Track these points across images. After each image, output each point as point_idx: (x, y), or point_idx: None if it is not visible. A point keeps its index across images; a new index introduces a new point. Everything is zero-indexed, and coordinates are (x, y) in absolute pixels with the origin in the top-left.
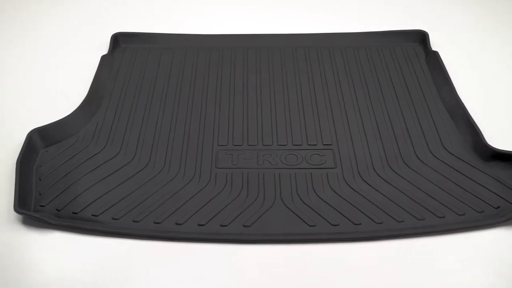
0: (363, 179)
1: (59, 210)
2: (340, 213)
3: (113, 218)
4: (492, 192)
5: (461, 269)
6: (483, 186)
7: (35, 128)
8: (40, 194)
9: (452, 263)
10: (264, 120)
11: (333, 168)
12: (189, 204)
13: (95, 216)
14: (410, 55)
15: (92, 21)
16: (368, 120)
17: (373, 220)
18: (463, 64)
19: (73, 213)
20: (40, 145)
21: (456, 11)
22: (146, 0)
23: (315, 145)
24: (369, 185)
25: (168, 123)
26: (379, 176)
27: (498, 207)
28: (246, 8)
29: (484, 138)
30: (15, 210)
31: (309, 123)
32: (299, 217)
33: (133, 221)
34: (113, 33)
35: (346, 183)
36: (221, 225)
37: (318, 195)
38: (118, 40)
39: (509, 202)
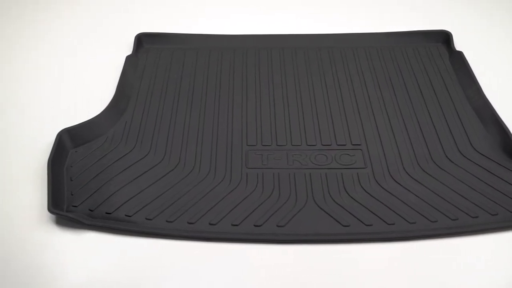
0: (394, 179)
1: (92, 210)
2: (373, 213)
3: (146, 218)
4: None
5: (495, 269)
6: None
7: (64, 129)
8: (72, 194)
9: (485, 263)
10: (292, 120)
11: (364, 168)
12: (222, 204)
13: (129, 216)
14: (434, 55)
15: (115, 21)
16: (395, 120)
17: (407, 220)
18: (487, 63)
19: (106, 213)
20: (69, 145)
21: (477, 10)
22: (168, 1)
23: (344, 145)
24: (400, 185)
25: (196, 123)
26: (410, 176)
27: None
28: (269, 9)
29: None
30: (49, 210)
31: (337, 123)
32: (333, 217)
33: (167, 221)
34: (136, 33)
35: (377, 183)
36: (255, 225)
37: (350, 195)
38: (142, 40)
39: None
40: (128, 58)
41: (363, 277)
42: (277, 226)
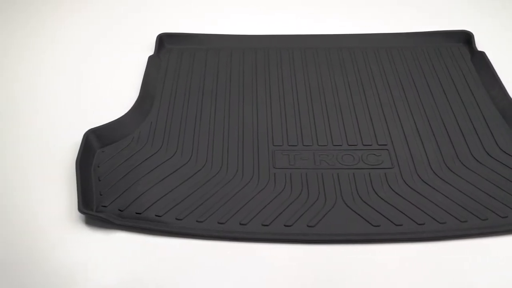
0: (421, 179)
1: (121, 211)
2: (403, 213)
3: (176, 219)
4: None
5: None
6: None
7: (91, 129)
8: (101, 195)
9: None
10: (317, 120)
11: (391, 168)
12: (251, 204)
13: (159, 216)
14: (455, 56)
15: (135, 21)
16: (420, 120)
17: (437, 220)
18: (509, 63)
19: (136, 213)
20: (96, 145)
21: (497, 9)
22: (188, 1)
23: (370, 145)
24: (428, 185)
25: (221, 123)
26: (437, 176)
27: None
28: (290, 9)
29: None
30: (80, 210)
31: (362, 123)
32: (362, 217)
33: (197, 221)
34: (157, 34)
35: (405, 183)
36: (285, 225)
37: (378, 195)
38: (163, 40)
39: None
40: (150, 59)
41: (394, 277)
42: (308, 226)
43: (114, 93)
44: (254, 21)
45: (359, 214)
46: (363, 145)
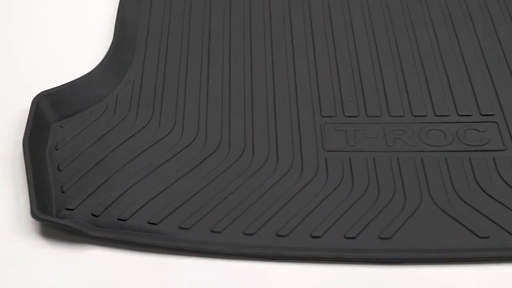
0: None
1: (96, 216)
2: None
3: (181, 228)
4: None
5: None
6: None
7: (43, 91)
8: (64, 192)
9: None
10: (386, 78)
11: (503, 150)
12: (292, 206)
13: (154, 224)
14: None
15: None
16: None
17: None
18: None
19: (119, 219)
20: (52, 117)
21: None
22: None
23: (469, 115)
24: None
25: (240, 83)
26: None
27: None
28: None
29: None
30: (33, 215)
31: (454, 82)
32: (462, 225)
33: (212, 231)
34: None
35: None
36: (345, 237)
37: (484, 191)
38: None
39: None
40: None
41: None
42: (380, 238)
43: (77, 39)
44: None
45: (457, 220)
46: (459, 115)
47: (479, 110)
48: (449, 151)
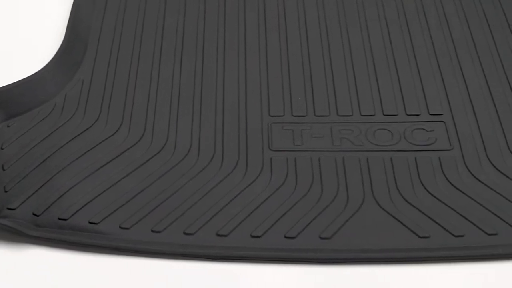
0: (494, 167)
1: (37, 215)
2: (465, 217)
3: (121, 227)
4: None
5: None
6: None
7: None
8: (6, 191)
9: None
10: (336, 77)
11: (449, 150)
12: (234, 205)
13: (94, 224)
14: None
15: None
16: (494, 76)
17: None
18: None
19: (60, 219)
20: None
21: None
22: None
23: (418, 115)
24: (505, 175)
25: (190, 83)
26: None
27: None
28: None
29: None
30: None
31: (405, 81)
32: (403, 224)
33: (153, 231)
34: None
35: (470, 172)
36: (286, 237)
37: (428, 191)
38: None
39: None
40: None
41: None
42: (320, 238)
43: (29, 37)
44: None
45: (398, 220)
46: (407, 114)
47: (427, 109)
48: (395, 150)
